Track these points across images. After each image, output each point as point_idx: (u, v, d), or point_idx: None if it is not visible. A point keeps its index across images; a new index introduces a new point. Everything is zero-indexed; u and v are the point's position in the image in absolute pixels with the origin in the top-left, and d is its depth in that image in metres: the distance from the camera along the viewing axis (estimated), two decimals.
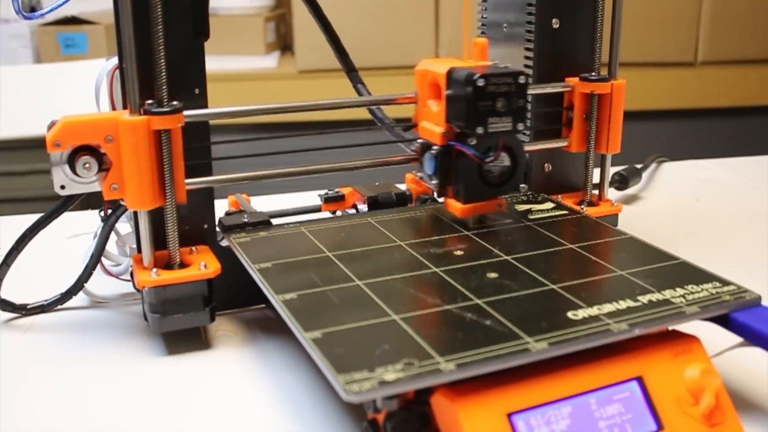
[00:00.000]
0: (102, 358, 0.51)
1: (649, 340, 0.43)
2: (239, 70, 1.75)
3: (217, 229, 0.55)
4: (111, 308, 0.58)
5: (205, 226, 0.54)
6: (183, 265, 0.51)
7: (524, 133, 0.65)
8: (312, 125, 1.22)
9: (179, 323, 0.50)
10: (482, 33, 0.69)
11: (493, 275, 0.47)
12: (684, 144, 1.87)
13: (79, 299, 0.58)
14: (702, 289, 0.45)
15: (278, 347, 0.52)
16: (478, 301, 0.43)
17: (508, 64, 0.54)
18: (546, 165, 0.65)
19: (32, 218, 0.55)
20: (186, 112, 0.50)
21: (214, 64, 0.54)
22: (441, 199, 0.58)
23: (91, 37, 1.76)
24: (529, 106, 0.64)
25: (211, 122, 0.53)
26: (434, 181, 0.55)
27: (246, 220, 0.55)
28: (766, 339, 0.42)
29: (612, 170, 0.83)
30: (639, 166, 0.88)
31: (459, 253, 0.51)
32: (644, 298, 0.44)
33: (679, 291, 0.45)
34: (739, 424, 0.41)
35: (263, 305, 0.57)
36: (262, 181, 0.54)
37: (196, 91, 0.51)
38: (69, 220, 0.55)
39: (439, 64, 0.54)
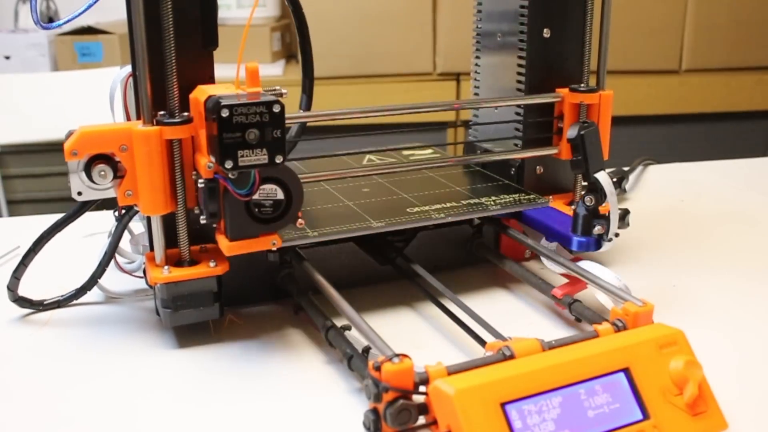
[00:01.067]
0: (116, 351, 0.51)
1: (635, 334, 0.43)
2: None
3: None
4: (125, 304, 0.58)
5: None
6: (193, 262, 0.51)
7: (516, 144, 0.65)
8: (312, 129, 1.22)
9: (189, 318, 0.50)
10: (477, 42, 0.69)
11: (365, 190, 0.62)
12: (668, 148, 1.87)
13: (94, 295, 0.58)
14: (510, 197, 0.60)
15: (283, 340, 0.52)
16: (349, 203, 0.59)
17: (283, 90, 0.47)
18: (538, 167, 0.65)
19: (50, 218, 0.55)
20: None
21: (222, 71, 0.53)
22: None
23: (106, 46, 1.76)
24: (519, 116, 0.64)
25: None
26: (202, 217, 0.48)
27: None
28: (542, 225, 0.59)
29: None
30: (626, 168, 0.88)
31: (365, 190, 0.63)
32: (465, 202, 0.59)
33: (493, 198, 0.59)
34: (721, 413, 0.41)
35: (270, 301, 0.57)
36: None
37: None
38: (85, 219, 0.55)
39: (209, 90, 0.48)
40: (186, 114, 0.49)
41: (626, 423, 0.39)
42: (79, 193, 0.49)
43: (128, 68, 0.52)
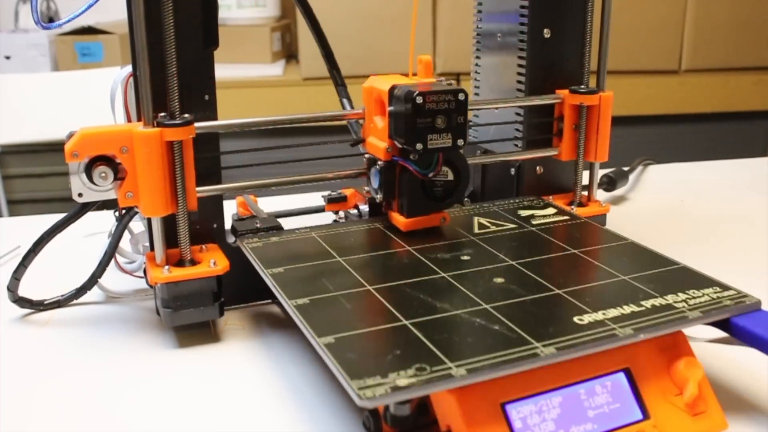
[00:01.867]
0: (116, 351, 0.51)
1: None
2: (246, 77, 1.75)
3: (231, 234, 0.55)
4: (125, 303, 0.58)
5: (215, 225, 0.54)
6: (194, 262, 0.51)
7: (516, 145, 0.65)
8: (314, 129, 1.22)
9: (190, 317, 0.50)
10: (477, 42, 0.69)
11: (499, 280, 0.46)
12: (668, 148, 1.87)
13: (95, 295, 0.58)
14: (703, 294, 0.44)
15: (284, 341, 0.52)
16: (486, 306, 0.42)
17: (451, 81, 0.52)
18: (538, 168, 0.65)
19: (50, 219, 0.55)
20: (197, 124, 0.50)
21: (222, 71, 0.54)
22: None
23: (107, 46, 1.76)
24: (520, 117, 0.64)
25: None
26: (379, 195, 0.54)
27: (258, 225, 0.55)
28: (766, 343, 0.42)
29: (600, 173, 0.83)
30: (626, 168, 0.88)
31: (466, 258, 0.49)
32: (647, 303, 0.43)
33: (681, 296, 0.44)
34: (721, 413, 0.41)
35: (270, 301, 0.57)
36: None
37: (206, 97, 0.51)
38: (85, 219, 0.55)
39: (384, 81, 0.53)
40: (187, 116, 0.49)
41: (626, 423, 0.39)
42: (80, 195, 0.49)
43: (129, 68, 0.52)
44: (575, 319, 0.41)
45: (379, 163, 0.53)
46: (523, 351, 0.38)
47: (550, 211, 0.59)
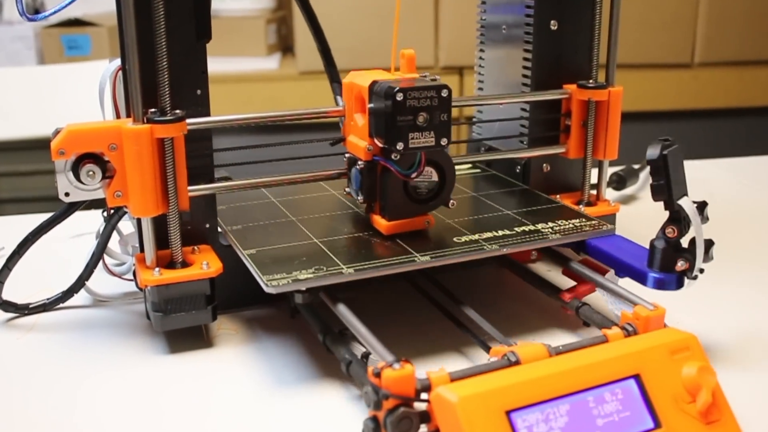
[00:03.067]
0: (105, 357, 0.51)
1: (646, 339, 0.43)
2: (241, 71, 1.75)
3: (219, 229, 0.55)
4: (114, 307, 0.58)
5: (207, 226, 0.54)
6: (185, 264, 0.51)
7: (521, 142, 0.65)
8: (312, 126, 1.22)
9: (181, 322, 0.51)
10: (481, 35, 0.69)
11: None
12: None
13: (82, 298, 0.58)
14: (569, 223, 0.55)
15: (279, 346, 0.52)
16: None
17: (436, 76, 0.52)
18: (545, 165, 0.65)
19: (36, 218, 0.55)
20: (189, 120, 0.50)
21: (215, 65, 0.54)
22: None
23: (95, 39, 1.76)
24: (526, 113, 0.64)
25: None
26: (360, 197, 0.53)
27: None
28: (611, 258, 0.52)
29: (610, 171, 0.83)
30: (636, 166, 0.88)
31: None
32: (519, 229, 0.54)
33: (550, 224, 0.55)
34: (735, 421, 0.41)
35: (264, 304, 0.57)
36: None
37: (198, 92, 0.52)
38: (72, 219, 0.55)
39: (365, 76, 0.53)
40: (178, 111, 0.49)
41: None
42: (67, 194, 0.49)
43: (117, 62, 0.52)
44: (454, 238, 0.52)
45: (360, 163, 0.53)
46: (403, 258, 0.49)
47: (468, 166, 0.70)
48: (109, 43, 1.76)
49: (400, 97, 0.49)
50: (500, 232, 0.53)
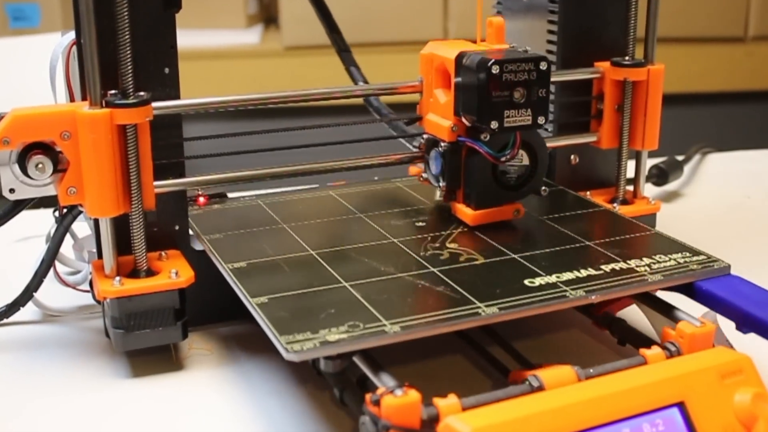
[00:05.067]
0: (56, 381, 0.51)
1: (692, 361, 0.43)
2: (216, 46, 1.75)
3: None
4: (67, 323, 0.58)
5: (177, 227, 0.54)
6: (151, 272, 0.51)
7: (546, 129, 0.65)
8: (301, 111, 1.23)
9: (146, 340, 0.50)
10: (498, 3, 0.69)
11: (452, 245, 0.52)
12: (732, 132, 1.87)
13: (29, 312, 0.58)
14: (670, 259, 0.50)
15: (261, 368, 0.52)
16: (433, 269, 0.49)
17: (527, 48, 0.54)
18: (573, 157, 0.65)
19: None
20: (155, 104, 0.50)
21: (186, 39, 0.54)
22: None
23: (44, 8, 1.76)
24: (552, 96, 0.64)
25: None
26: (441, 183, 0.55)
27: (199, 192, 0.58)
28: (730, 307, 0.47)
29: (649, 163, 0.83)
30: (680, 158, 0.88)
31: (420, 224, 0.56)
32: (607, 267, 0.49)
33: (645, 260, 0.50)
34: None
35: (244, 319, 0.57)
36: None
37: (166, 70, 0.52)
38: (18, 220, 0.55)
39: (448, 47, 0.54)
40: (142, 93, 0.49)
41: None
42: (12, 191, 0.49)
43: (71, 35, 0.52)
44: (526, 281, 0.47)
45: (442, 144, 0.54)
46: (463, 310, 0.44)
47: None
48: (61, 13, 1.76)
49: (496, 69, 0.50)
50: (583, 272, 0.49)
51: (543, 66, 0.51)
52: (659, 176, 0.84)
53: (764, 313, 0.46)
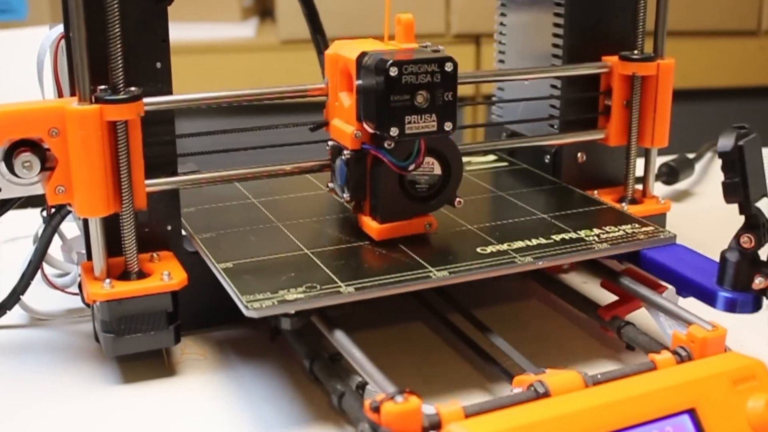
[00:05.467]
0: (44, 387, 0.51)
1: (703, 366, 0.43)
2: (209, 39, 1.75)
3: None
4: (55, 327, 0.58)
5: (169, 228, 0.54)
6: (142, 274, 0.51)
7: (551, 126, 0.65)
8: (298, 106, 1.23)
9: (138, 345, 0.50)
10: None
11: None
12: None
13: (16, 316, 0.58)
14: (619, 230, 0.54)
15: (256, 374, 0.52)
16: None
17: (439, 47, 0.52)
18: (579, 155, 0.65)
19: None
20: (146, 100, 0.50)
21: (179, 32, 0.54)
22: None
23: (32, 1, 1.76)
24: (557, 91, 0.64)
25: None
26: (346, 194, 0.53)
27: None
28: (672, 273, 0.51)
29: (659, 161, 0.83)
30: (691, 155, 0.88)
31: None
32: (557, 237, 0.53)
33: (596, 231, 0.54)
34: None
35: (239, 323, 0.57)
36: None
37: (158, 65, 0.52)
38: (5, 220, 0.55)
39: (352, 47, 0.53)
40: (133, 89, 0.49)
41: None
42: None
43: (60, 29, 0.52)
44: (478, 249, 0.52)
45: (346, 152, 0.52)
46: (415, 274, 0.48)
47: (490, 158, 0.70)
48: (49, 5, 1.76)
49: (394, 71, 0.48)
50: (534, 241, 0.53)
51: (448, 67, 0.49)
52: (669, 175, 0.84)
53: (702, 278, 0.49)
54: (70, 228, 0.60)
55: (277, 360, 0.54)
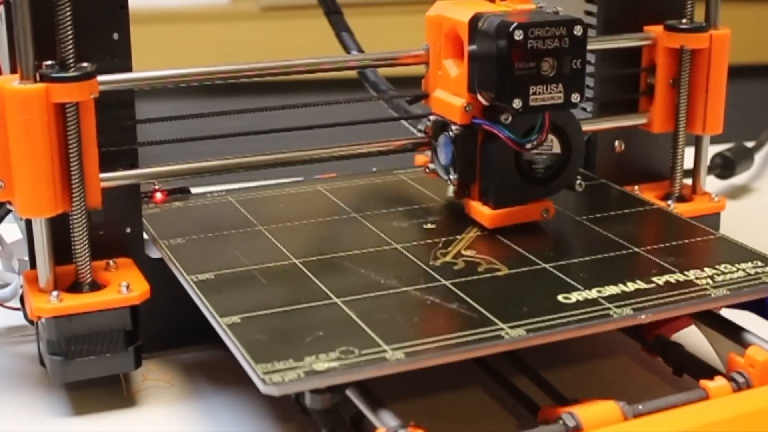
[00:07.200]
0: None
1: (764, 395, 0.43)
2: (176, 6, 1.75)
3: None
4: None
5: (128, 230, 0.54)
6: (96, 286, 0.51)
7: (583, 109, 0.65)
8: (281, 86, 1.23)
9: (91, 370, 0.51)
10: None
11: (469, 253, 0.52)
12: None
13: None
14: (737, 269, 0.50)
15: (231, 404, 0.52)
16: (445, 282, 0.49)
17: (558, 8, 0.53)
18: (617, 143, 0.65)
19: None
20: (101, 78, 0.50)
21: None
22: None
23: None
24: (590, 68, 0.64)
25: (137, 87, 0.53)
26: (452, 176, 0.54)
27: (156, 186, 0.57)
28: None
29: (711, 151, 0.83)
30: (750, 144, 0.88)
31: (429, 226, 0.56)
32: (660, 280, 0.49)
33: (708, 271, 0.50)
34: None
35: (210, 343, 0.57)
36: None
37: (115, 36, 0.52)
38: None
39: (461, 7, 0.54)
40: (86, 65, 0.49)
41: None
42: None
43: None
44: (560, 297, 0.47)
45: (453, 128, 0.54)
46: (482, 333, 0.44)
47: None
48: None
49: (519, 35, 0.50)
50: (630, 286, 0.48)
51: (578, 31, 0.51)
52: (724, 167, 0.84)
53: None
54: (9, 230, 0.60)
55: (256, 387, 0.54)
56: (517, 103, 0.50)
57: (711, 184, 0.81)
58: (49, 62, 0.49)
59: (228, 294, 0.48)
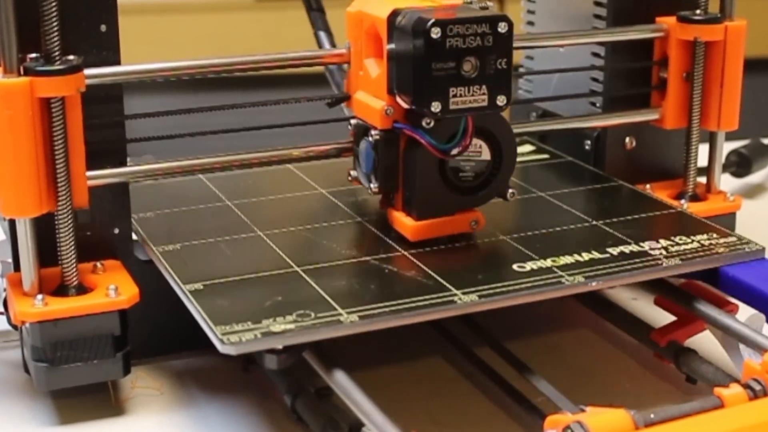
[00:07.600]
0: None
1: None
2: None
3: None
4: None
5: (117, 231, 0.54)
6: (83, 289, 0.51)
7: (593, 104, 0.65)
8: (275, 80, 1.23)
9: (77, 377, 0.50)
10: None
11: None
12: None
13: None
14: (693, 240, 0.53)
15: (224, 413, 0.52)
16: (404, 252, 0.52)
17: (487, 4, 0.52)
18: (628, 140, 0.65)
19: None
20: (88, 71, 0.50)
21: None
22: None
23: None
24: (600, 61, 0.64)
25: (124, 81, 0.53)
26: (373, 184, 0.53)
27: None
28: (762, 297, 0.49)
29: (727, 148, 0.83)
30: (767, 141, 0.88)
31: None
32: (614, 250, 0.52)
33: (663, 242, 0.53)
34: None
35: (203, 350, 0.57)
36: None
37: (103, 28, 0.52)
38: None
39: (382, 4, 0.53)
40: (72, 58, 0.49)
41: None
42: None
43: None
44: (515, 266, 0.51)
45: (373, 133, 0.53)
46: (436, 298, 0.47)
47: (527, 148, 0.69)
48: None
49: (436, 33, 0.48)
50: (585, 255, 0.52)
51: (502, 28, 0.49)
52: (740, 165, 0.84)
53: None
54: None
55: (251, 395, 0.54)
56: (435, 107, 0.49)
57: (726, 182, 0.81)
58: (33, 55, 0.49)
59: (193, 264, 0.51)
